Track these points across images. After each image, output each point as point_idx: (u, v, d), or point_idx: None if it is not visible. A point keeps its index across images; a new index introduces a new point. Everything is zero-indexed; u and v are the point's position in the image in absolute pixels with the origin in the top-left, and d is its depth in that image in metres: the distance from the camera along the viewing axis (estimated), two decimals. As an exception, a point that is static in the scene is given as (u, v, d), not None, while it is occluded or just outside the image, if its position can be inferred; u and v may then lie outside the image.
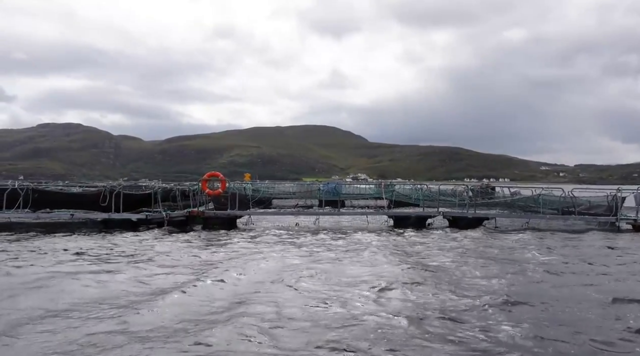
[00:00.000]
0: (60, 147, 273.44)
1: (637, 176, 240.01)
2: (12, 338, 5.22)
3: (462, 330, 5.67)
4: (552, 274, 9.11)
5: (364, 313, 6.30)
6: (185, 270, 9.14)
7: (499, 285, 7.99)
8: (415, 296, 7.17)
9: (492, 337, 5.44)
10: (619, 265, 10.32)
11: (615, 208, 18.17)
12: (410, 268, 9.40)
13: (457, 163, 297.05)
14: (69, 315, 6.12)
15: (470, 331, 5.63)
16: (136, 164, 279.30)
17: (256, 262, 10.04)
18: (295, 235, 15.03)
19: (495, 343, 5.28)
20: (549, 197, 21.57)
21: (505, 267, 9.79)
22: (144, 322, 5.82)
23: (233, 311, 6.34)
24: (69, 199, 18.63)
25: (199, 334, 5.39)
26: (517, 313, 6.38)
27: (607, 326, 5.90)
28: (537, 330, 5.68)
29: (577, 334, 5.59)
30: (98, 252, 11.28)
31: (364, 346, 5.08)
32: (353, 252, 11.54)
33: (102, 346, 5.01)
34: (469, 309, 6.55)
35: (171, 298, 6.94)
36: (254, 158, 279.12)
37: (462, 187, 23.03)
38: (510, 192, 25.40)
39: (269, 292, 7.38)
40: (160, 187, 19.93)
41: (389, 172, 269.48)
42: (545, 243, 13.56)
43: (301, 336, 5.42)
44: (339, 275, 8.68)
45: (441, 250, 12.08)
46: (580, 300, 7.13)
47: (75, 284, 7.85)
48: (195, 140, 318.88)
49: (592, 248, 12.94)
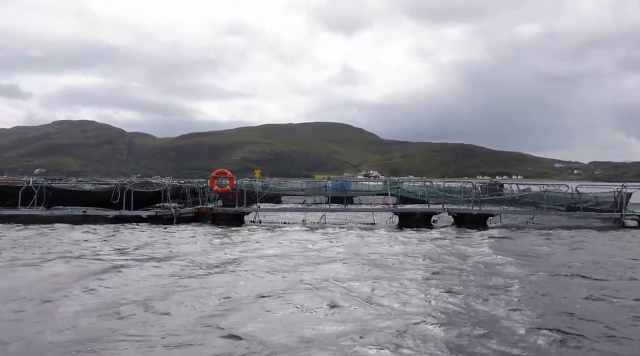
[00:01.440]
0: (76, 143, 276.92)
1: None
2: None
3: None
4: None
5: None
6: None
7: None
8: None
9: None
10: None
11: (620, 204, 18.20)
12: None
13: (470, 160, 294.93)
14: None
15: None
16: (150, 160, 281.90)
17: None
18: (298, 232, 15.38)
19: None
20: (555, 194, 21.65)
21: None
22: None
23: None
24: (81, 197, 19.20)
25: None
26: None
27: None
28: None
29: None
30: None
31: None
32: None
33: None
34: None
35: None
36: (266, 154, 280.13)
37: (470, 184, 23.22)
38: (519, 189, 25.51)
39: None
40: (170, 184, 20.40)
41: (401, 169, 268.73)
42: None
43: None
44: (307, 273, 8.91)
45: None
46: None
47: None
48: (208, 136, 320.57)
49: (589, 244, 13.11)
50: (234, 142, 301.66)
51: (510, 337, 5.42)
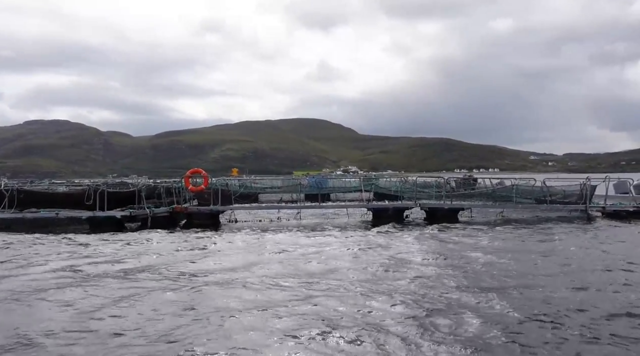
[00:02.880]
0: (50, 144, 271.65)
1: (625, 164, 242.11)
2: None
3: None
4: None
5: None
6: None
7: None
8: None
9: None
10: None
11: (585, 196, 18.81)
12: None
13: (449, 155, 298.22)
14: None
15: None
16: (127, 160, 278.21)
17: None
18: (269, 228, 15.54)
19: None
20: (526, 188, 22.24)
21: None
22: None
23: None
24: (54, 199, 18.99)
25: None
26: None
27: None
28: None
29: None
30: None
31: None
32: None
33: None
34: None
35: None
36: (246, 152, 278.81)
37: (446, 179, 23.68)
38: (492, 183, 26.07)
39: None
40: (145, 184, 20.34)
41: (381, 164, 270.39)
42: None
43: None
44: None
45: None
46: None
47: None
48: (186, 135, 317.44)
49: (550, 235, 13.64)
50: (213, 140, 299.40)
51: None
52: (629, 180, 20.85)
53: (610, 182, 20.72)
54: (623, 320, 5.97)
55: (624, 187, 20.75)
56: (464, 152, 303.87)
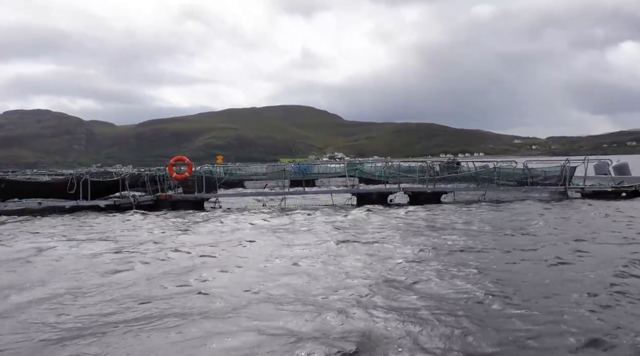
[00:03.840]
0: (31, 134, 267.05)
1: (606, 146, 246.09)
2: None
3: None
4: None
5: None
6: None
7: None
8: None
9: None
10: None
11: (564, 177, 19.23)
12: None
13: (434, 140, 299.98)
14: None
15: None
16: (111, 150, 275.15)
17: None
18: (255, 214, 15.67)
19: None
20: (508, 170, 22.63)
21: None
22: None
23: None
24: (37, 188, 18.84)
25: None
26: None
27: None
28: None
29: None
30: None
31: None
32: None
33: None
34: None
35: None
36: (231, 140, 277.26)
37: (429, 163, 23.95)
38: (475, 166, 26.44)
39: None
40: (129, 172, 20.27)
41: (367, 150, 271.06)
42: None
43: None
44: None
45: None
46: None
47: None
48: (170, 123, 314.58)
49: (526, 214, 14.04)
50: (197, 128, 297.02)
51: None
52: (608, 161, 21.36)
53: (591, 164, 21.30)
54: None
55: (604, 168, 21.27)
56: (448, 136, 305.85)
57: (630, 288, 6.07)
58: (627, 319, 5.04)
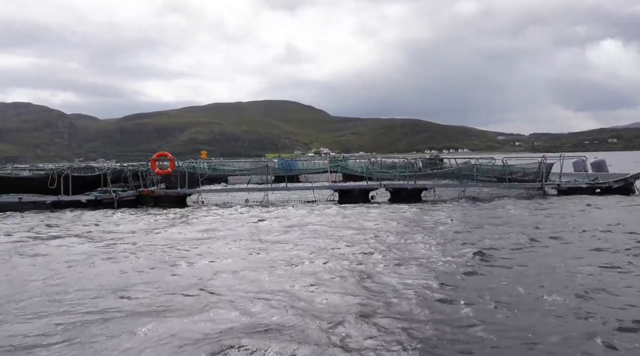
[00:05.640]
0: (12, 127, 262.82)
1: (588, 143, 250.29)
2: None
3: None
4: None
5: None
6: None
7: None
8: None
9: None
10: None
11: (541, 174, 19.69)
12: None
13: (419, 136, 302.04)
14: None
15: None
16: (93, 144, 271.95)
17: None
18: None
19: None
20: (486, 167, 23.05)
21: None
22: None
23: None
24: (17, 183, 18.64)
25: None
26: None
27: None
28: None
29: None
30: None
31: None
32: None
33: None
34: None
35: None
36: (215, 135, 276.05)
37: (412, 160, 24.29)
38: (457, 163, 26.84)
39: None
40: (111, 167, 20.20)
41: (353, 146, 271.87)
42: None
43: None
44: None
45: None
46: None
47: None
48: (154, 118, 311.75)
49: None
50: (181, 122, 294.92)
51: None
52: (583, 158, 21.93)
53: (570, 161, 21.83)
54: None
55: (581, 166, 21.81)
56: (433, 133, 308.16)
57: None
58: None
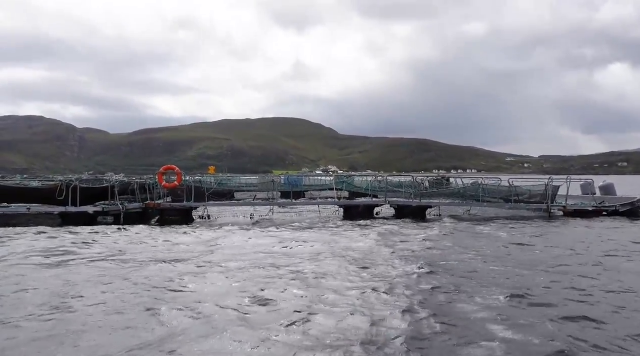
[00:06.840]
0: (23, 140, 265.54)
1: (597, 166, 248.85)
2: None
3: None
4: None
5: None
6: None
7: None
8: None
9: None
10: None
11: (547, 196, 19.65)
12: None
13: (426, 155, 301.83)
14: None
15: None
16: (102, 157, 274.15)
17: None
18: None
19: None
20: (492, 187, 23.04)
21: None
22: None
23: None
24: (27, 193, 18.89)
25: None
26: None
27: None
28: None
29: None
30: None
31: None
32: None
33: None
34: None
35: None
36: (223, 150, 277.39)
37: (419, 179, 24.34)
38: (463, 183, 26.85)
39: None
40: (118, 180, 20.40)
41: (360, 164, 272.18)
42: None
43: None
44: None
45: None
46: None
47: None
48: (163, 132, 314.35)
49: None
50: (190, 137, 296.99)
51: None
52: (590, 180, 21.93)
53: (578, 183, 21.82)
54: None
55: (589, 188, 21.78)
56: (441, 152, 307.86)
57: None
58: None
